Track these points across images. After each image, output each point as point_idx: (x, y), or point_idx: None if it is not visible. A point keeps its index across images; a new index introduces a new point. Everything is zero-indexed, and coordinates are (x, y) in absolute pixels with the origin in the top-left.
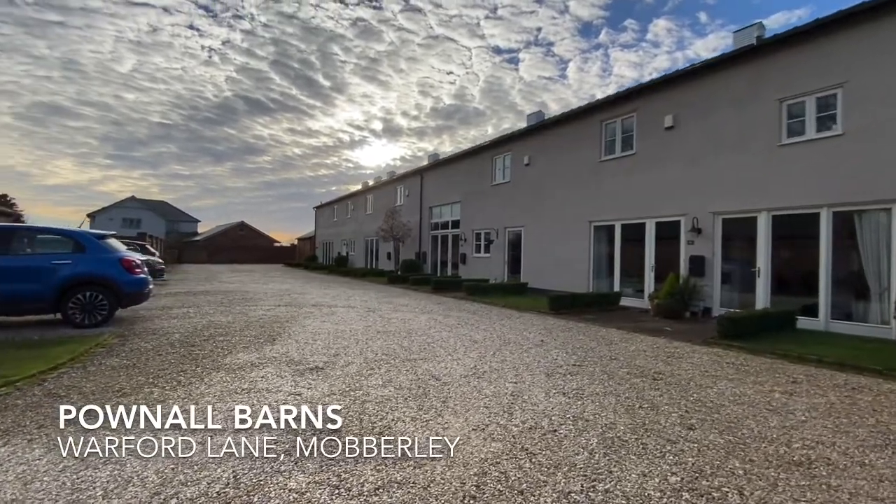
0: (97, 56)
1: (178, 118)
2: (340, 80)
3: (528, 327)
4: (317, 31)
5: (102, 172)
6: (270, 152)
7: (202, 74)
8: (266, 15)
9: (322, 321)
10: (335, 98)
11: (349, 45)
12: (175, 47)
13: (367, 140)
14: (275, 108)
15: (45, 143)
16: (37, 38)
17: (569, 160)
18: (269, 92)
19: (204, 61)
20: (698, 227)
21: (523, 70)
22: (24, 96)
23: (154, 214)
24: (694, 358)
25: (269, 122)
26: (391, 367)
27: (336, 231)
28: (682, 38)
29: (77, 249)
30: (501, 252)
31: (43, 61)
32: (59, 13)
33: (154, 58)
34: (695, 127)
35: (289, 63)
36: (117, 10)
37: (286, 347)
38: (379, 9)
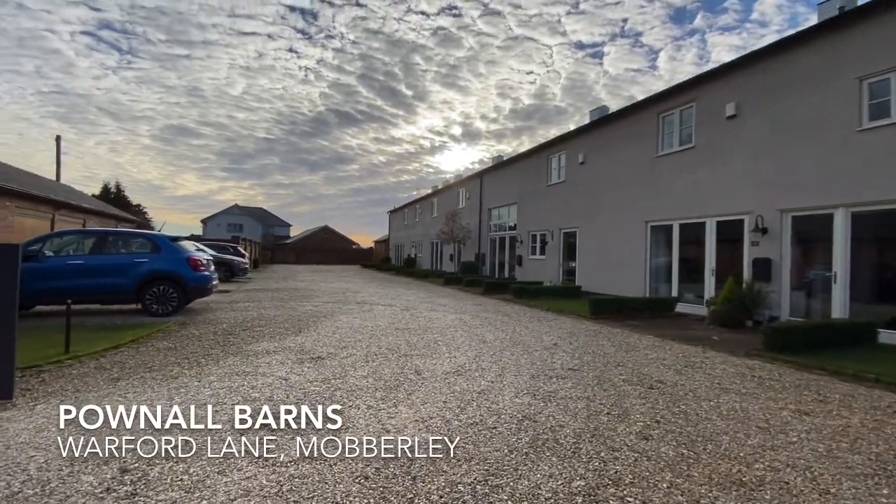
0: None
1: (280, 133)
2: (422, 88)
3: (552, 330)
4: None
5: (219, 184)
6: (358, 161)
7: (299, 92)
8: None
9: (353, 317)
10: (417, 106)
11: (430, 53)
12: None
13: (447, 145)
14: (362, 118)
15: (175, 160)
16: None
17: (624, 157)
18: (356, 104)
19: (301, 80)
20: (763, 227)
21: (608, 63)
22: (159, 120)
23: (253, 220)
24: (716, 370)
25: (356, 133)
26: (384, 361)
27: (406, 234)
28: (795, 13)
29: (154, 250)
30: (556, 254)
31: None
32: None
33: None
34: (759, 114)
35: (374, 76)
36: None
37: (305, 339)
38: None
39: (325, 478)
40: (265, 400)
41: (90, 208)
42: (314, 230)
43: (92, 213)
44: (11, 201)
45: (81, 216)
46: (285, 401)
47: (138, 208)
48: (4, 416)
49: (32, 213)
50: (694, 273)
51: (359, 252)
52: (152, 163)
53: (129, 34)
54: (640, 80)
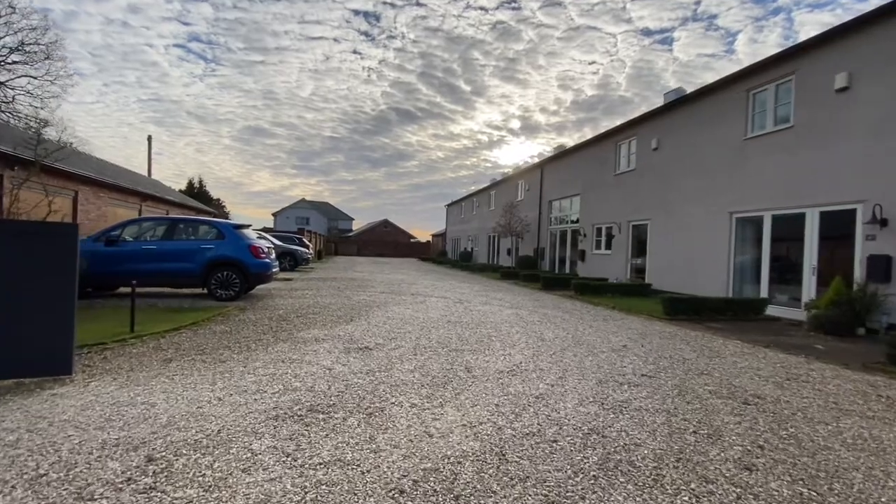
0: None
1: (344, 132)
2: (480, 83)
3: (620, 331)
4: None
5: (290, 180)
6: (417, 157)
7: (363, 92)
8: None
9: (406, 308)
10: (475, 101)
11: (489, 48)
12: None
13: (505, 139)
14: (421, 115)
15: (251, 159)
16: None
17: (705, 141)
18: (416, 102)
19: (364, 80)
20: (883, 218)
21: (678, 50)
22: (238, 122)
23: (318, 213)
24: (827, 385)
25: (416, 130)
26: (433, 356)
27: (463, 227)
28: None
29: (219, 237)
30: (624, 249)
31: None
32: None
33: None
34: (880, 85)
35: (433, 73)
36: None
37: (355, 328)
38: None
39: (355, 487)
40: (306, 390)
41: (173, 200)
42: (375, 223)
43: (174, 205)
44: (105, 193)
45: (165, 207)
46: (326, 392)
47: (218, 202)
48: (59, 392)
49: (123, 203)
50: (788, 272)
51: (417, 245)
52: (232, 161)
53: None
54: (715, 66)
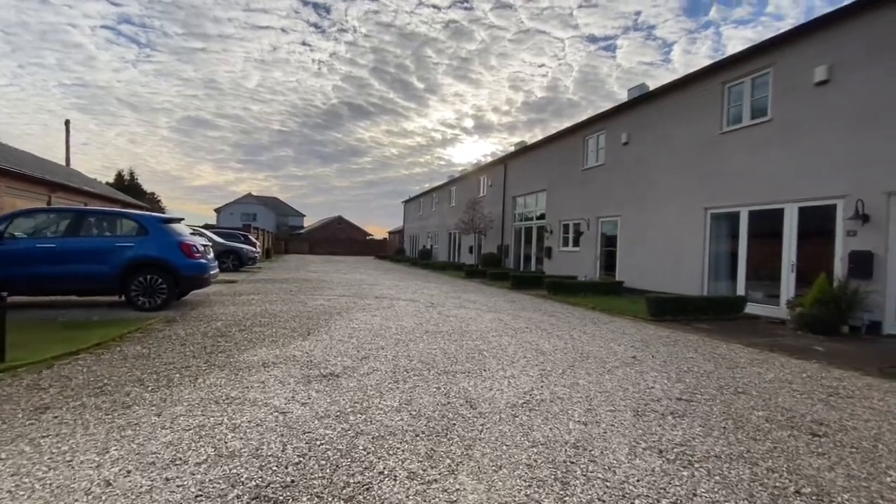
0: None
1: (294, 125)
2: (433, 81)
3: (618, 337)
4: (412, 37)
5: (235, 175)
6: (370, 153)
7: (313, 85)
8: (366, 26)
9: (373, 315)
10: (428, 99)
11: (442, 46)
12: (291, 62)
13: (459, 137)
14: (374, 111)
15: (192, 151)
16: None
17: (678, 135)
18: (369, 97)
19: (314, 73)
20: (864, 213)
21: (621, 57)
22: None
23: (267, 209)
24: (873, 399)
25: (369, 126)
26: (419, 382)
27: (421, 224)
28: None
29: (140, 232)
30: (593, 246)
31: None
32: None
33: (274, 73)
34: (863, 77)
35: (386, 69)
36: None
37: (314, 345)
38: (470, 9)
39: None
40: (249, 455)
41: (94, 192)
42: (328, 220)
43: (95, 197)
44: (1, 180)
45: (83, 199)
46: (280, 459)
47: (152, 196)
48: None
49: (26, 193)
50: (766, 269)
51: (372, 243)
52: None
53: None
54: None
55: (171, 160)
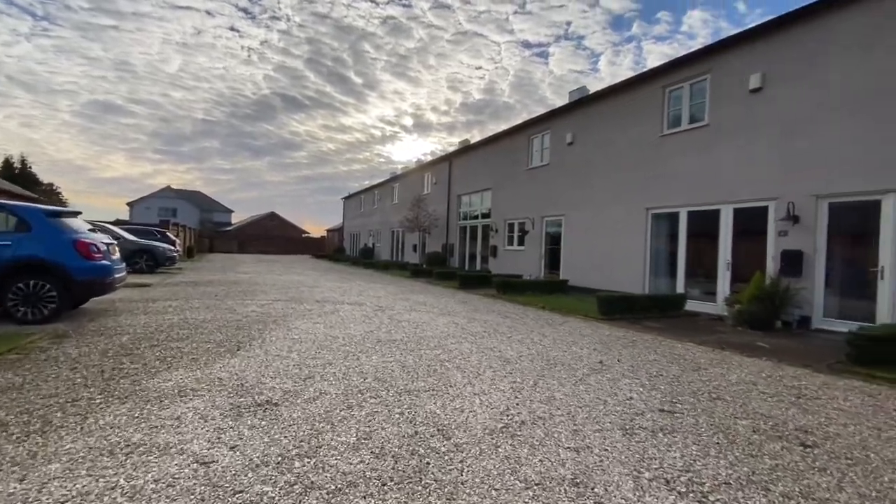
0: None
1: (221, 115)
2: (372, 77)
3: (577, 339)
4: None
5: (153, 166)
6: (306, 148)
7: (242, 73)
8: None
9: (315, 322)
10: (367, 95)
11: (380, 42)
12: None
13: (398, 135)
14: (310, 104)
15: (101, 139)
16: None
17: (622, 136)
18: (304, 89)
19: (244, 60)
20: (795, 215)
21: (553, 64)
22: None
23: (189, 204)
24: (837, 399)
25: (304, 119)
26: (378, 407)
27: (362, 222)
28: (718, 28)
29: (20, 228)
30: (538, 245)
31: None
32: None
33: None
34: (793, 87)
35: (322, 61)
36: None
37: (246, 363)
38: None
39: None
40: None
41: None
42: (260, 217)
43: None
44: None
45: None
46: None
47: (50, 187)
48: None
49: None
50: (703, 267)
51: (309, 241)
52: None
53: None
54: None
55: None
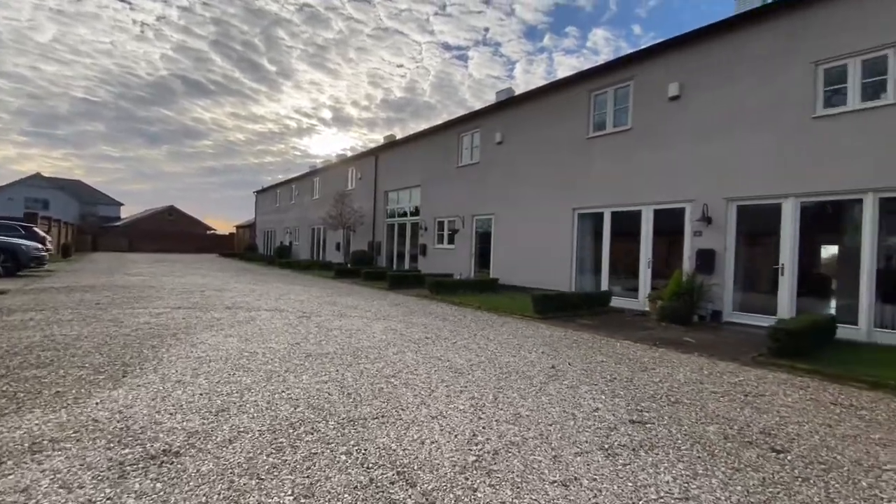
0: (12, 23)
1: (107, 95)
2: (287, 65)
3: (522, 341)
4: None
5: (18, 150)
6: (211, 137)
7: (134, 50)
8: None
9: (227, 335)
10: (281, 84)
11: (296, 30)
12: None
13: (316, 128)
14: (216, 90)
15: None
16: None
17: (550, 138)
18: (209, 73)
19: (136, 36)
20: (708, 216)
21: (472, 68)
22: None
23: (65, 195)
24: (778, 395)
25: (210, 106)
26: (317, 446)
27: (278, 218)
28: (618, 47)
29: None
30: (468, 243)
31: None
32: None
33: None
34: (707, 97)
35: (231, 45)
36: None
37: (136, 395)
38: None
39: None
40: None
41: None
42: (156, 211)
43: None
44: None
45: None
46: None
47: None
48: None
49: None
50: (626, 265)
51: (216, 239)
52: None
53: None
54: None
55: None
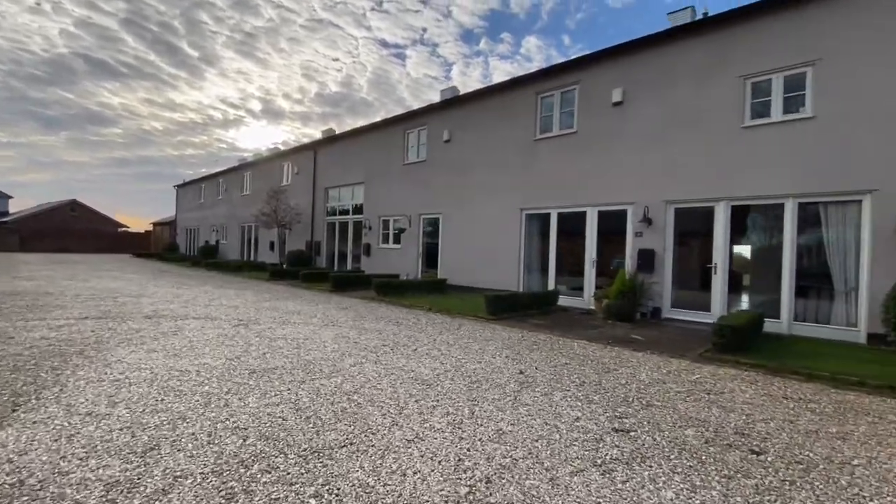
0: None
1: None
2: (211, 51)
3: (483, 345)
4: None
5: None
6: (122, 124)
7: (26, 23)
8: None
9: (150, 350)
10: (204, 70)
11: (221, 14)
12: None
13: (244, 120)
14: (127, 73)
15: None
16: None
17: (498, 138)
18: (119, 54)
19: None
20: (649, 218)
21: (410, 67)
22: None
23: None
24: (736, 392)
25: (119, 89)
26: (278, 489)
27: (203, 215)
28: (549, 56)
29: None
30: (415, 243)
31: None
32: None
33: None
34: (648, 104)
35: (145, 25)
36: None
37: (31, 436)
38: None
39: None
40: None
41: None
42: (55, 205)
43: None
44: None
45: None
46: None
47: None
48: None
49: None
50: (572, 264)
51: (129, 237)
52: None
53: None
54: (437, 87)
55: None
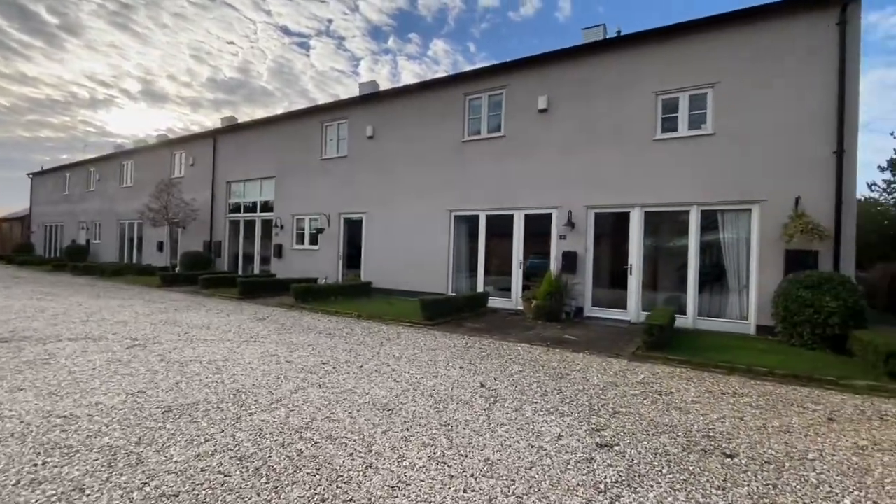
0: None
1: None
2: (74, 19)
3: (431, 356)
4: None
5: None
6: None
7: None
8: None
9: (13, 389)
10: (65, 41)
11: None
12: None
13: (117, 101)
14: None
15: None
16: None
17: (426, 137)
18: None
19: None
20: (572, 221)
21: (315, 58)
22: None
23: None
24: (681, 392)
25: None
26: None
27: (68, 209)
28: (456, 61)
29: None
30: (335, 244)
31: None
32: None
33: None
34: (571, 112)
35: None
36: None
37: None
38: None
39: None
40: None
41: None
42: None
43: None
44: None
45: None
46: None
47: None
48: None
49: None
50: (500, 266)
51: None
52: None
53: None
54: (345, 83)
55: None
